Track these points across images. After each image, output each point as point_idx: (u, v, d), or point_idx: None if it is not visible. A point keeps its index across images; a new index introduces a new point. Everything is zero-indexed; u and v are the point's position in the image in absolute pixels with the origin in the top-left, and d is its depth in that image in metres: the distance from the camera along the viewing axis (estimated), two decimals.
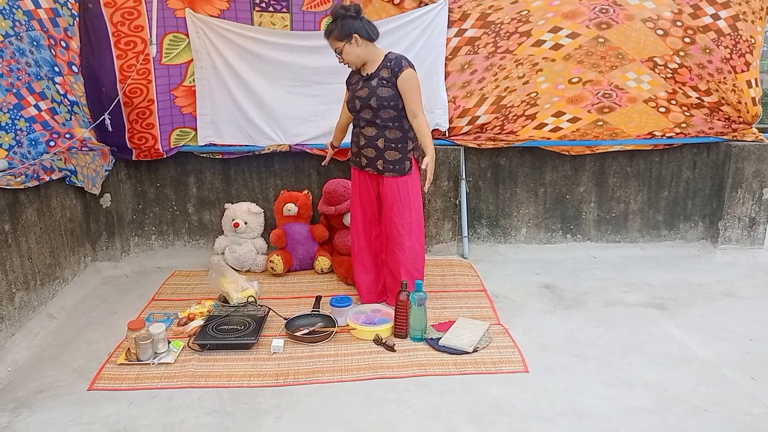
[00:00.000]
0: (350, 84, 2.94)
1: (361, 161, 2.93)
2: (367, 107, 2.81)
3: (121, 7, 3.28)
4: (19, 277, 2.81)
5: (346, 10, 2.71)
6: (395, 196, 2.89)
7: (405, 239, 2.92)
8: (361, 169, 2.96)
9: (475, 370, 2.50)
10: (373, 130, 2.85)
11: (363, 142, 2.88)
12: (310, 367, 2.53)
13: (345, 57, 2.76)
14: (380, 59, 2.80)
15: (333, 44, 2.74)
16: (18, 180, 2.75)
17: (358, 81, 2.87)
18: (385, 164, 2.87)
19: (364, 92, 2.80)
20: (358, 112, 2.86)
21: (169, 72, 3.50)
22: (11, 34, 2.85)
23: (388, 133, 2.83)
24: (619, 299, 3.26)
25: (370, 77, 2.80)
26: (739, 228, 3.91)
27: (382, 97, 2.76)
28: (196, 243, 3.92)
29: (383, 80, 2.77)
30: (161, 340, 2.59)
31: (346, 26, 2.69)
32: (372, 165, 2.90)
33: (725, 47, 3.50)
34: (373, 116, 2.82)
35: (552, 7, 3.49)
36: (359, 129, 2.91)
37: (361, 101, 2.81)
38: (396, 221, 2.91)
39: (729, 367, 2.54)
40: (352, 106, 2.88)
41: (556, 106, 3.74)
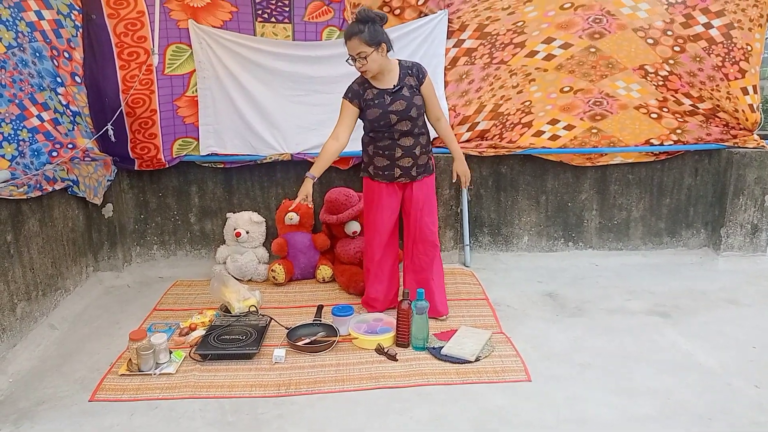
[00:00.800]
0: (369, 100, 2.76)
1: (394, 173, 2.87)
2: (405, 119, 2.76)
3: (124, 18, 3.31)
4: (21, 288, 2.82)
5: (378, 15, 2.64)
6: (426, 196, 2.93)
7: (436, 237, 2.99)
8: (392, 182, 2.90)
9: (478, 379, 2.49)
10: (410, 140, 2.82)
11: (400, 153, 2.82)
12: (311, 377, 2.52)
13: (369, 64, 2.64)
14: (396, 68, 2.77)
15: (357, 47, 2.61)
16: (21, 190, 2.76)
17: (381, 95, 2.75)
18: (418, 168, 2.88)
19: (401, 105, 2.73)
20: (391, 126, 2.77)
21: (171, 82, 3.52)
22: (14, 45, 2.87)
23: (422, 139, 2.86)
24: (621, 307, 3.25)
25: (398, 89, 2.74)
26: (742, 235, 3.90)
27: (419, 106, 2.77)
28: (197, 252, 3.92)
29: (412, 88, 2.76)
30: (163, 351, 2.59)
31: (378, 33, 2.62)
32: (406, 174, 2.87)
33: (717, 55, 3.53)
34: (411, 126, 2.79)
35: (547, 18, 3.52)
36: (392, 141, 2.81)
37: (399, 114, 2.74)
38: (427, 220, 2.94)
39: (733, 375, 2.53)
40: (385, 122, 2.76)
41: (549, 114, 3.78)
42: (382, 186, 2.92)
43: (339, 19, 3.49)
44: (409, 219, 2.97)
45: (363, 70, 2.69)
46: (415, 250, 3.00)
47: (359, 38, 2.60)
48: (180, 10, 3.39)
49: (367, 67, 2.66)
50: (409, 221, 2.98)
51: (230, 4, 3.41)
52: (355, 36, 2.60)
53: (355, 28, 2.61)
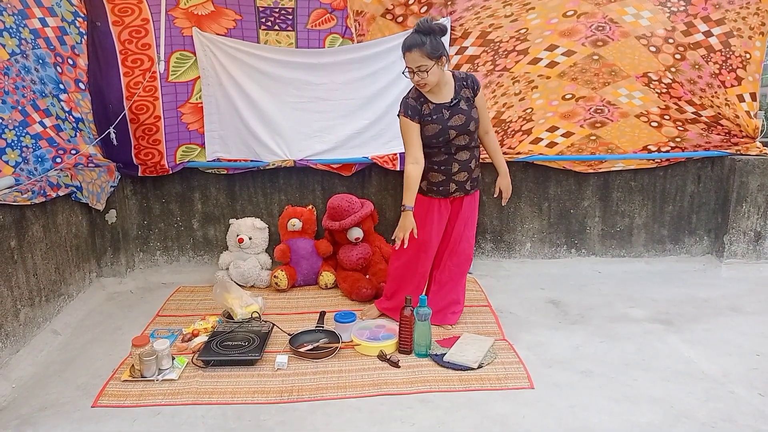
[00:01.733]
0: (427, 115, 2.66)
1: (449, 188, 2.80)
2: (464, 133, 2.71)
3: (129, 25, 3.33)
4: (24, 294, 2.82)
5: (438, 26, 2.52)
6: (472, 210, 2.93)
7: (473, 251, 3.00)
8: (446, 197, 2.83)
9: (480, 387, 2.49)
10: (466, 154, 2.77)
11: (456, 168, 2.76)
12: (314, 383, 2.52)
13: (429, 77, 2.53)
14: (451, 80, 2.70)
15: (418, 60, 2.50)
16: (25, 196, 2.77)
17: (439, 110, 2.66)
18: (472, 182, 2.86)
19: (460, 119, 2.68)
20: (449, 140, 2.70)
21: (176, 89, 3.54)
22: (17, 52, 2.89)
23: (476, 152, 2.84)
24: (624, 314, 3.24)
25: (456, 103, 2.68)
26: (745, 242, 3.90)
27: (476, 119, 2.73)
28: (200, 258, 3.93)
29: (469, 101, 2.71)
30: (165, 357, 2.59)
31: (439, 45, 2.52)
32: (461, 188, 2.83)
33: (714, 63, 3.55)
34: (469, 140, 2.75)
35: (550, 25, 3.54)
36: (449, 156, 2.74)
37: (458, 129, 2.68)
38: (468, 234, 2.94)
39: (736, 383, 2.52)
40: (444, 138, 2.68)
41: (549, 121, 3.79)
42: (434, 202, 2.83)
43: (342, 26, 3.51)
44: (452, 232, 2.92)
45: (422, 84, 2.59)
46: (448, 263, 2.97)
47: (420, 51, 2.49)
48: (184, 17, 3.41)
49: (427, 80, 2.56)
50: (451, 234, 2.93)
51: (234, 12, 3.43)
52: (416, 48, 2.49)
53: (417, 40, 2.49)
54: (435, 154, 2.76)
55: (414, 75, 2.57)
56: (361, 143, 3.68)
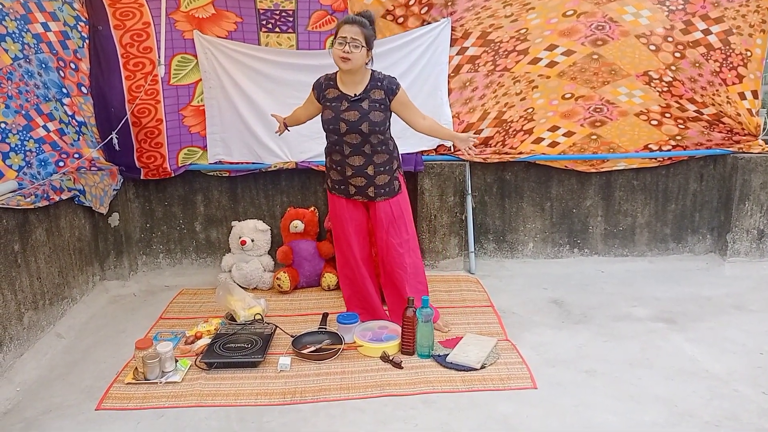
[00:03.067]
0: (328, 99, 2.73)
1: (349, 190, 2.83)
2: (355, 132, 2.69)
3: (130, 29, 3.34)
4: (28, 297, 2.83)
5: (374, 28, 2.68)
6: (390, 218, 2.85)
7: (405, 257, 2.90)
8: (349, 198, 2.87)
9: (483, 387, 2.49)
10: (360, 159, 2.74)
11: (350, 172, 2.77)
12: (317, 385, 2.52)
13: (353, 55, 2.56)
14: (367, 79, 2.71)
15: (355, 34, 2.56)
16: (28, 200, 2.78)
17: (340, 100, 2.70)
18: (377, 189, 2.81)
19: (354, 115, 2.68)
20: (341, 135, 2.71)
21: (177, 92, 3.55)
22: (20, 57, 2.90)
23: (377, 159, 2.76)
24: (627, 313, 3.24)
25: (359, 99, 2.68)
26: (748, 240, 3.89)
27: (374, 122, 2.68)
28: (203, 261, 3.94)
29: (376, 103, 2.69)
30: (168, 359, 2.59)
31: (373, 38, 2.65)
32: (362, 193, 2.82)
33: (715, 61, 3.55)
34: (360, 142, 2.72)
35: (550, 25, 3.54)
36: (342, 158, 2.76)
37: (350, 125, 2.68)
38: (393, 242, 2.87)
39: (740, 381, 2.51)
40: (334, 128, 2.72)
41: (551, 120, 3.79)
42: (340, 200, 2.88)
43: None
44: (377, 239, 2.93)
45: (346, 57, 2.57)
46: (386, 270, 2.97)
47: (361, 29, 2.58)
48: (185, 21, 3.42)
49: (353, 56, 2.58)
50: (377, 241, 2.93)
51: (235, 14, 3.44)
52: (358, 25, 2.58)
53: (360, 20, 2.61)
54: (333, 152, 2.81)
55: (345, 45, 2.56)
56: None
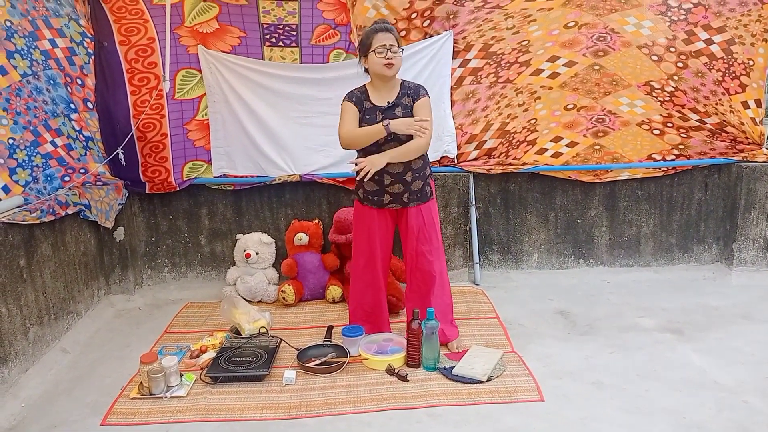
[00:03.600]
0: (366, 111, 2.73)
1: (384, 199, 2.79)
2: (395, 141, 2.67)
3: (135, 44, 3.38)
4: (33, 312, 2.84)
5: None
6: (420, 224, 2.82)
7: (435, 265, 2.86)
8: (381, 208, 2.83)
9: (490, 400, 2.47)
10: (399, 166, 2.71)
11: (389, 180, 2.74)
12: (322, 398, 2.51)
13: (396, 60, 2.63)
14: (398, 87, 2.76)
15: (391, 40, 2.62)
16: (34, 215, 2.80)
17: (374, 112, 2.71)
18: (411, 195, 2.79)
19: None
20: (380, 146, 2.68)
21: (182, 107, 3.57)
22: (29, 73, 2.93)
23: (414, 164, 2.74)
24: (634, 324, 3.22)
25: (392, 106, 2.71)
26: (754, 249, 3.87)
27: None
28: (208, 274, 3.94)
29: (408, 109, 2.71)
30: (173, 373, 2.59)
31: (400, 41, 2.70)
32: (397, 200, 2.80)
33: (717, 70, 3.55)
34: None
35: (551, 37, 3.56)
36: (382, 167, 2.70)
37: (390, 135, 2.65)
38: (423, 249, 2.83)
39: (749, 392, 2.49)
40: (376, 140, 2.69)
41: (554, 131, 3.80)
42: (372, 211, 2.84)
43: (345, 41, 3.54)
44: (406, 247, 2.89)
45: (391, 63, 2.62)
46: (413, 278, 2.92)
47: (393, 35, 2.64)
48: (189, 36, 3.45)
49: (395, 61, 2.63)
50: (406, 249, 2.90)
51: (239, 29, 3.47)
52: (389, 31, 2.64)
53: (391, 27, 2.67)
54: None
55: (387, 52, 2.61)
56: None
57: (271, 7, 3.44)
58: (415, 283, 2.92)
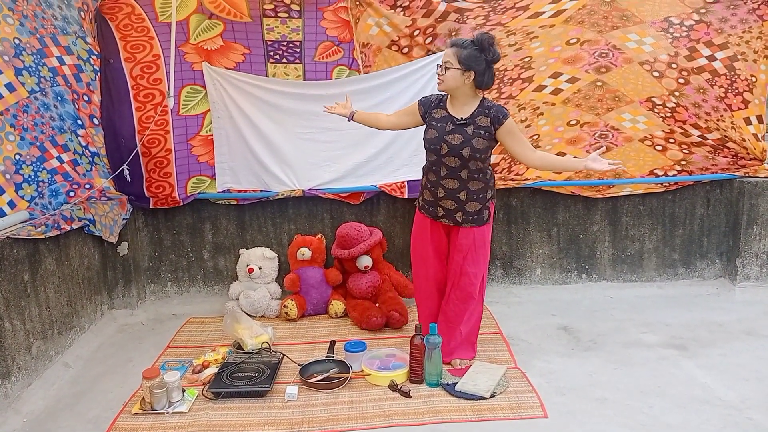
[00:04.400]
0: (434, 119, 2.74)
1: (437, 212, 2.79)
2: (455, 156, 2.65)
3: (140, 61, 3.42)
4: (36, 327, 2.84)
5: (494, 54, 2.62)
6: (470, 246, 2.78)
7: (476, 290, 2.84)
8: (435, 219, 2.82)
9: (493, 416, 2.46)
10: (455, 183, 2.71)
11: (443, 194, 2.74)
12: (324, 414, 2.50)
13: (446, 76, 2.61)
14: (476, 103, 2.69)
15: (449, 57, 2.60)
16: (38, 230, 2.82)
17: (445, 119, 2.70)
18: (465, 216, 2.75)
19: (457, 139, 2.65)
20: (441, 155, 2.69)
21: (186, 122, 3.61)
22: (36, 90, 2.97)
23: (471, 185, 2.71)
24: (637, 340, 3.21)
25: (465, 123, 2.66)
26: (758, 265, 3.86)
27: (476, 149, 2.64)
28: (211, 289, 3.94)
29: (480, 129, 2.64)
30: (176, 389, 2.58)
31: (476, 61, 2.58)
32: (450, 217, 2.78)
33: (720, 86, 3.57)
34: (458, 166, 2.68)
35: (554, 53, 3.59)
36: (437, 179, 2.74)
37: (451, 148, 2.65)
38: (469, 270, 2.80)
39: (754, 409, 2.47)
40: (435, 148, 2.69)
41: (556, 147, 3.81)
42: (427, 220, 2.86)
43: (348, 58, 3.58)
44: (451, 262, 2.86)
45: (438, 79, 2.66)
46: (451, 296, 2.88)
47: (455, 51, 2.60)
48: (194, 52, 3.49)
49: (444, 77, 2.63)
50: (451, 264, 2.87)
51: (243, 46, 3.51)
52: (454, 47, 2.62)
53: (460, 43, 2.62)
54: (430, 173, 2.79)
55: (439, 69, 2.66)
56: (368, 172, 3.71)
57: (275, 25, 3.48)
58: (453, 301, 2.87)
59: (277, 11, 3.44)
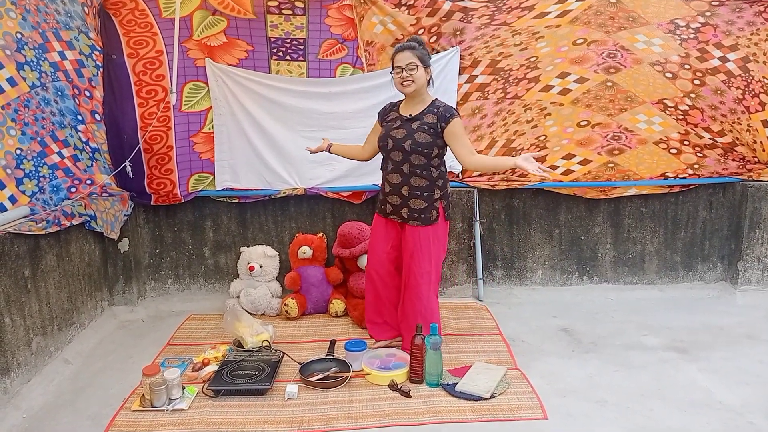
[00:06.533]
0: (386, 120, 2.89)
1: (386, 209, 2.90)
2: (399, 149, 2.77)
3: (143, 57, 3.41)
4: (36, 323, 2.84)
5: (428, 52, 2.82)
6: (416, 245, 2.84)
7: (423, 288, 2.88)
8: (386, 217, 2.92)
9: (493, 417, 2.45)
10: (398, 177, 2.81)
11: (388, 189, 2.86)
12: (324, 413, 2.50)
13: (415, 77, 2.69)
14: (428, 102, 2.81)
15: (409, 58, 2.68)
16: (39, 226, 2.81)
17: (395, 119, 2.82)
18: (410, 212, 2.82)
19: (401, 133, 2.77)
20: (387, 151, 2.82)
21: (188, 119, 3.60)
22: (38, 84, 2.96)
23: (414, 181, 2.79)
24: (638, 342, 3.20)
25: (412, 119, 2.77)
26: (759, 269, 3.85)
27: (418, 143, 2.72)
28: (211, 287, 3.94)
29: (426, 125, 2.74)
30: (175, 386, 2.58)
31: (427, 56, 2.76)
32: (396, 213, 2.87)
33: (737, 88, 3.54)
34: (401, 160, 2.78)
35: (560, 53, 3.57)
36: (384, 175, 2.89)
37: (395, 142, 2.78)
38: (415, 270, 2.86)
39: (755, 413, 2.47)
40: (383, 145, 2.84)
41: (565, 148, 3.78)
42: (380, 219, 2.98)
43: (352, 56, 3.57)
44: (402, 262, 2.96)
45: (408, 81, 2.70)
46: (405, 293, 2.96)
47: (413, 52, 2.70)
48: (197, 49, 3.48)
49: (414, 77, 2.69)
50: (402, 265, 2.97)
51: (246, 43, 3.50)
52: (408, 50, 2.71)
53: (411, 44, 2.74)
54: (382, 169, 2.93)
55: (402, 72, 2.70)
56: (370, 171, 3.69)
57: (278, 22, 3.47)
58: (407, 298, 2.95)
59: (281, 8, 3.43)
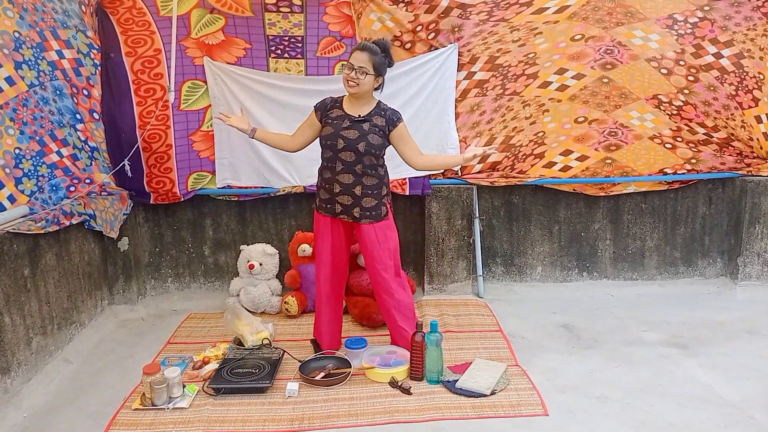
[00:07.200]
0: (330, 118, 2.80)
1: (335, 208, 2.84)
2: (351, 150, 2.74)
3: (141, 56, 3.40)
4: (36, 322, 2.84)
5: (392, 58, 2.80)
6: (373, 243, 2.85)
7: (390, 283, 2.89)
8: (334, 216, 2.88)
9: (494, 414, 2.46)
10: (350, 177, 2.77)
11: (338, 189, 2.79)
12: (324, 411, 2.50)
13: (360, 82, 2.67)
14: (373, 104, 2.81)
15: (364, 62, 2.66)
16: (38, 225, 2.81)
17: (342, 118, 2.78)
18: (362, 211, 2.82)
19: (353, 134, 2.74)
20: (337, 151, 2.76)
21: (187, 117, 3.59)
22: (36, 84, 2.95)
23: (366, 180, 2.78)
24: (638, 338, 3.20)
25: (362, 120, 2.76)
26: (759, 264, 3.85)
27: (372, 144, 2.73)
28: (211, 285, 3.94)
29: (376, 127, 2.76)
30: (176, 385, 2.58)
31: (384, 67, 2.75)
32: (348, 212, 2.83)
33: (730, 84, 3.55)
34: (354, 161, 2.75)
35: (558, 49, 3.57)
36: (332, 175, 2.80)
37: (347, 143, 2.73)
38: (378, 267, 2.87)
39: (755, 408, 2.47)
40: (331, 144, 2.77)
41: (563, 144, 3.78)
42: (325, 219, 2.90)
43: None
44: (366, 266, 2.97)
45: (353, 83, 2.69)
46: (376, 297, 2.99)
47: (370, 56, 2.67)
48: (195, 47, 3.48)
49: (360, 82, 2.68)
50: (366, 268, 2.98)
51: (244, 41, 3.49)
52: (368, 52, 2.68)
53: (373, 48, 2.70)
54: (324, 171, 2.85)
55: (352, 71, 2.67)
56: None
57: (276, 19, 3.46)
58: (379, 301, 2.98)
59: (279, 6, 3.42)
